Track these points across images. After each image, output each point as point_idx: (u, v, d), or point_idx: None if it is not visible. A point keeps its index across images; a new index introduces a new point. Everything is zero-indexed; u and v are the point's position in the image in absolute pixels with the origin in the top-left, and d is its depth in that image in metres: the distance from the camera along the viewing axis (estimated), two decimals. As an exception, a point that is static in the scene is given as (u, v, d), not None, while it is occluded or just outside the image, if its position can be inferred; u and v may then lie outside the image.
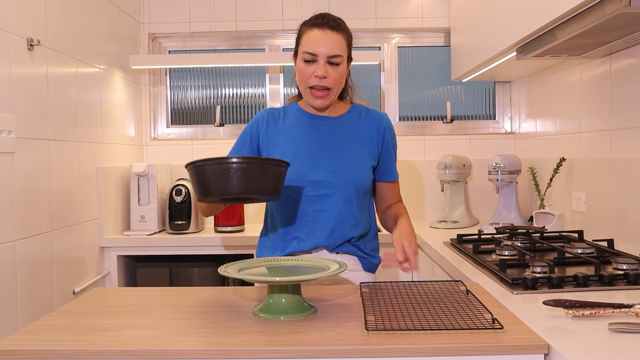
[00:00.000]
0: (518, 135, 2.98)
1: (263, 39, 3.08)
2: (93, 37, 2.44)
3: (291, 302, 1.19)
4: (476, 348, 0.98)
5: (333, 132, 1.58)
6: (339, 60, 1.49)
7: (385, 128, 1.62)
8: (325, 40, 1.47)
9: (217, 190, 1.24)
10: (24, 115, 1.86)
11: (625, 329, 1.01)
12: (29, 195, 1.89)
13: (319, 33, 1.48)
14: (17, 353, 1.02)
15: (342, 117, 1.61)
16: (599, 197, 2.06)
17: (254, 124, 1.62)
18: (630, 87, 1.87)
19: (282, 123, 1.61)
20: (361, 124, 1.61)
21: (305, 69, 1.50)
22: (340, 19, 1.54)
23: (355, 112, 1.63)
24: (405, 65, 3.11)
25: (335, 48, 1.48)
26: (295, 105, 1.65)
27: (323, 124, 1.59)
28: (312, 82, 1.50)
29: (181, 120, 3.15)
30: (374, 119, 1.62)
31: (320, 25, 1.49)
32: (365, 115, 1.63)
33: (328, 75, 1.49)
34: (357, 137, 1.59)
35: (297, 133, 1.58)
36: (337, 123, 1.60)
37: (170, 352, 1.00)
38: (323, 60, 1.48)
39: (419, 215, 3.00)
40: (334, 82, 1.51)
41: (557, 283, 1.35)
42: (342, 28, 1.51)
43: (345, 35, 1.52)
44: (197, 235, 2.57)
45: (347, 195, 1.54)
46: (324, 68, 1.48)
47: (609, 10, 1.37)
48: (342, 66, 1.51)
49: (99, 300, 1.35)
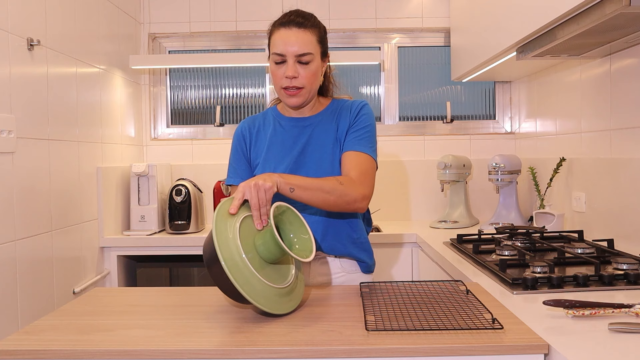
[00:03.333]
0: (518, 135, 2.98)
1: (263, 39, 3.07)
2: (93, 37, 2.44)
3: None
4: (476, 348, 0.98)
5: (312, 134, 1.54)
6: (309, 58, 1.44)
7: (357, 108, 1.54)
8: (293, 39, 1.42)
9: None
10: (24, 115, 1.86)
11: (625, 329, 1.01)
12: (29, 195, 1.89)
13: (286, 32, 1.43)
14: (17, 353, 1.02)
15: (320, 114, 1.56)
16: (599, 197, 2.06)
17: (240, 138, 1.59)
18: (630, 87, 1.87)
19: (263, 131, 1.58)
20: (337, 116, 1.55)
21: (276, 70, 1.46)
22: (310, 15, 1.49)
23: (333, 107, 1.57)
24: (405, 65, 3.11)
25: (303, 46, 1.43)
26: (274, 109, 1.62)
27: (301, 127, 1.55)
28: (284, 83, 1.46)
29: (181, 120, 3.15)
30: (348, 105, 1.56)
31: (287, 24, 1.44)
32: (342, 106, 1.56)
33: (298, 75, 1.44)
34: (335, 133, 1.53)
35: (276, 140, 1.55)
36: (314, 122, 1.55)
37: (170, 352, 1.00)
38: (292, 60, 1.43)
39: (419, 215, 3.00)
40: (305, 81, 1.45)
41: (557, 283, 1.35)
42: (310, 24, 1.45)
43: (315, 31, 1.46)
44: (197, 235, 2.57)
45: None
46: (294, 68, 1.43)
47: (609, 10, 1.37)
48: (314, 64, 1.45)
49: (99, 300, 1.35)
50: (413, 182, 2.99)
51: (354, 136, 1.50)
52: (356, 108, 1.54)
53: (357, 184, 1.40)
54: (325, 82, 1.60)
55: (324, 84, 1.59)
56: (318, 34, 1.47)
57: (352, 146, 1.48)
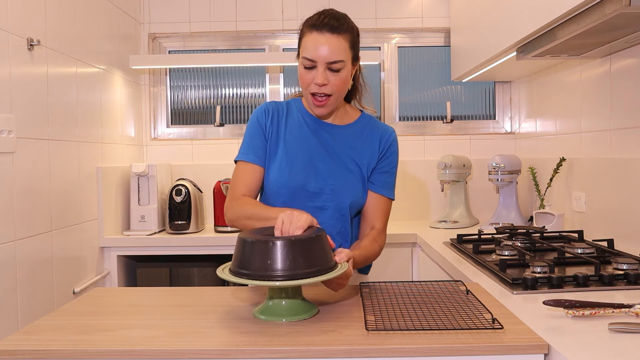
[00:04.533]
0: (518, 135, 2.98)
1: (263, 39, 3.08)
2: (93, 37, 2.44)
3: (292, 304, 1.17)
4: (476, 348, 0.98)
5: (336, 142, 1.50)
6: (340, 65, 1.39)
7: (388, 141, 1.53)
8: (325, 45, 1.37)
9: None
10: (24, 115, 1.86)
11: (625, 329, 1.01)
12: (29, 195, 1.89)
13: (318, 37, 1.38)
14: (17, 353, 1.02)
15: (348, 127, 1.53)
16: (599, 197, 2.06)
17: (261, 115, 1.52)
18: (630, 87, 1.87)
19: (285, 121, 1.52)
20: (364, 136, 1.52)
21: (305, 75, 1.41)
22: (344, 16, 1.44)
23: (362, 122, 1.54)
24: (405, 65, 3.11)
25: (335, 54, 1.37)
26: (298, 102, 1.56)
27: (326, 132, 1.51)
28: (312, 89, 1.41)
29: (181, 120, 3.15)
30: (378, 132, 1.53)
31: (320, 28, 1.38)
32: (370, 128, 1.53)
33: (328, 82, 1.39)
34: (359, 151, 1.50)
35: (298, 136, 1.50)
36: (341, 133, 1.52)
37: (170, 352, 1.00)
38: (322, 67, 1.38)
39: (419, 215, 3.00)
40: (335, 89, 1.41)
41: (557, 283, 1.35)
42: (344, 28, 1.40)
43: (348, 36, 1.41)
44: (197, 235, 2.57)
45: (342, 211, 1.48)
46: (324, 75, 1.38)
47: (609, 10, 1.37)
48: (344, 71, 1.41)
49: (99, 300, 1.35)
50: (413, 182, 2.99)
51: (385, 177, 1.53)
52: (387, 140, 1.53)
53: (384, 235, 1.54)
54: (354, 84, 1.56)
55: (352, 86, 1.55)
56: (351, 39, 1.42)
57: (381, 189, 1.52)
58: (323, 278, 1.11)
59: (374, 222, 1.53)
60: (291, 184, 1.46)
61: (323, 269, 1.13)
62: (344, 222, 1.49)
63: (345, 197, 1.47)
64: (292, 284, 1.09)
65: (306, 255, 1.11)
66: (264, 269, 1.10)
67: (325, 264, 1.14)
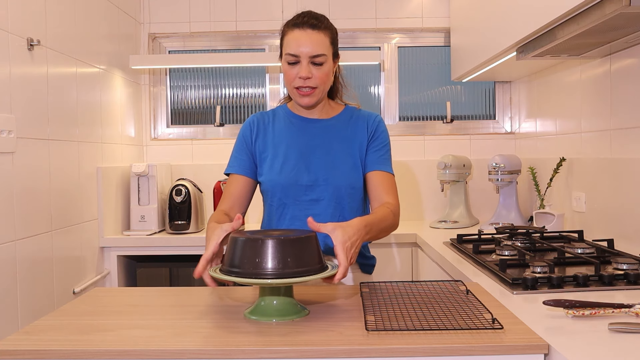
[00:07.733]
0: (518, 135, 2.98)
1: (263, 39, 3.08)
2: (93, 37, 2.44)
3: (282, 305, 1.17)
4: (476, 348, 0.98)
5: (323, 135, 1.56)
6: (322, 59, 1.46)
7: (374, 123, 1.58)
8: (307, 40, 1.45)
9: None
10: (24, 115, 1.86)
11: (625, 329, 1.01)
12: (29, 195, 1.89)
13: (300, 33, 1.46)
14: (17, 353, 1.02)
15: (334, 119, 1.59)
16: (599, 197, 2.06)
17: (246, 129, 1.60)
18: (630, 87, 1.87)
19: (272, 127, 1.60)
20: (352, 125, 1.58)
21: (289, 70, 1.48)
22: (323, 16, 1.51)
23: (347, 113, 1.61)
24: (405, 65, 3.11)
25: (317, 47, 1.45)
26: (284, 107, 1.63)
27: (313, 127, 1.57)
28: (297, 83, 1.48)
29: (181, 120, 3.15)
30: (363, 118, 1.59)
31: (301, 25, 1.47)
32: (355, 116, 1.60)
33: (312, 76, 1.46)
34: (348, 140, 1.56)
35: (287, 137, 1.57)
36: (327, 125, 1.58)
37: (170, 352, 1.00)
38: (306, 61, 1.45)
39: (419, 216, 3.00)
40: (318, 82, 1.48)
41: (557, 283, 1.35)
42: (324, 25, 1.48)
43: (328, 33, 1.49)
44: (197, 235, 2.57)
45: (338, 200, 1.52)
46: (307, 68, 1.45)
47: (609, 10, 1.37)
48: (327, 65, 1.48)
49: (99, 300, 1.35)
50: (413, 182, 2.99)
51: (378, 155, 1.56)
52: (373, 123, 1.58)
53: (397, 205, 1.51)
54: (335, 83, 1.61)
55: (333, 85, 1.61)
56: (330, 36, 1.50)
57: (378, 166, 1.55)
58: (312, 278, 1.12)
59: (382, 197, 1.53)
60: (283, 181, 1.52)
61: (313, 270, 1.13)
62: (341, 210, 1.53)
63: (339, 187, 1.52)
64: (280, 282, 1.10)
65: (296, 255, 1.12)
66: (253, 267, 1.10)
67: (315, 264, 1.15)
